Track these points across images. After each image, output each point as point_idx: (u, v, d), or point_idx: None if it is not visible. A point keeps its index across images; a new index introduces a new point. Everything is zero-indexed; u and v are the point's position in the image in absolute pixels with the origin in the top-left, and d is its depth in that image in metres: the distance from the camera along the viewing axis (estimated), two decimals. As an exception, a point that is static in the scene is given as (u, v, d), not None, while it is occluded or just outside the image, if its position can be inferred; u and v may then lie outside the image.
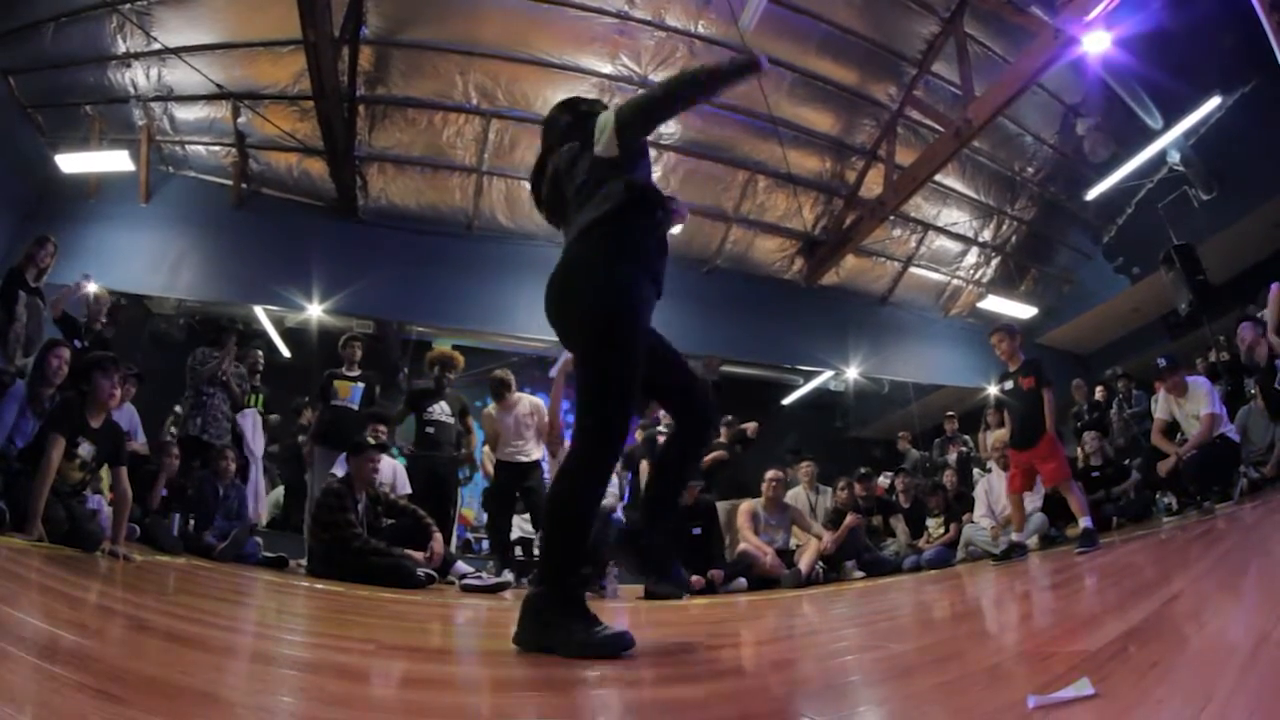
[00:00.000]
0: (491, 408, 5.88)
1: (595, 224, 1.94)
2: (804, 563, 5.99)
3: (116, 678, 1.11)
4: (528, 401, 5.91)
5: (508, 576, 4.99)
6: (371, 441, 5.23)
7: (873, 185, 9.06)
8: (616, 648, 1.68)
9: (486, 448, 6.06)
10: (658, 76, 7.61)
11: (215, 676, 1.29)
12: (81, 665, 1.16)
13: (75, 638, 1.45)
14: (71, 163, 7.53)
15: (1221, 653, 1.14)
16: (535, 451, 5.68)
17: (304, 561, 5.18)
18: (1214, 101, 7.93)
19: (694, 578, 5.54)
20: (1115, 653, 1.24)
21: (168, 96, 7.50)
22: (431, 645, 2.29)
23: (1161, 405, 6.01)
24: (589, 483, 1.86)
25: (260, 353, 6.96)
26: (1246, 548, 2.94)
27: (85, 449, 3.94)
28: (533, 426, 5.75)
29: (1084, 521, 4.87)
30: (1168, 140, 8.45)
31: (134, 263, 7.63)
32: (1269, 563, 2.40)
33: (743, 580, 5.80)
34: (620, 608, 4.00)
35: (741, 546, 6.13)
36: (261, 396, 6.70)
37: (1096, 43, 6.29)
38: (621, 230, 1.95)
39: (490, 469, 5.88)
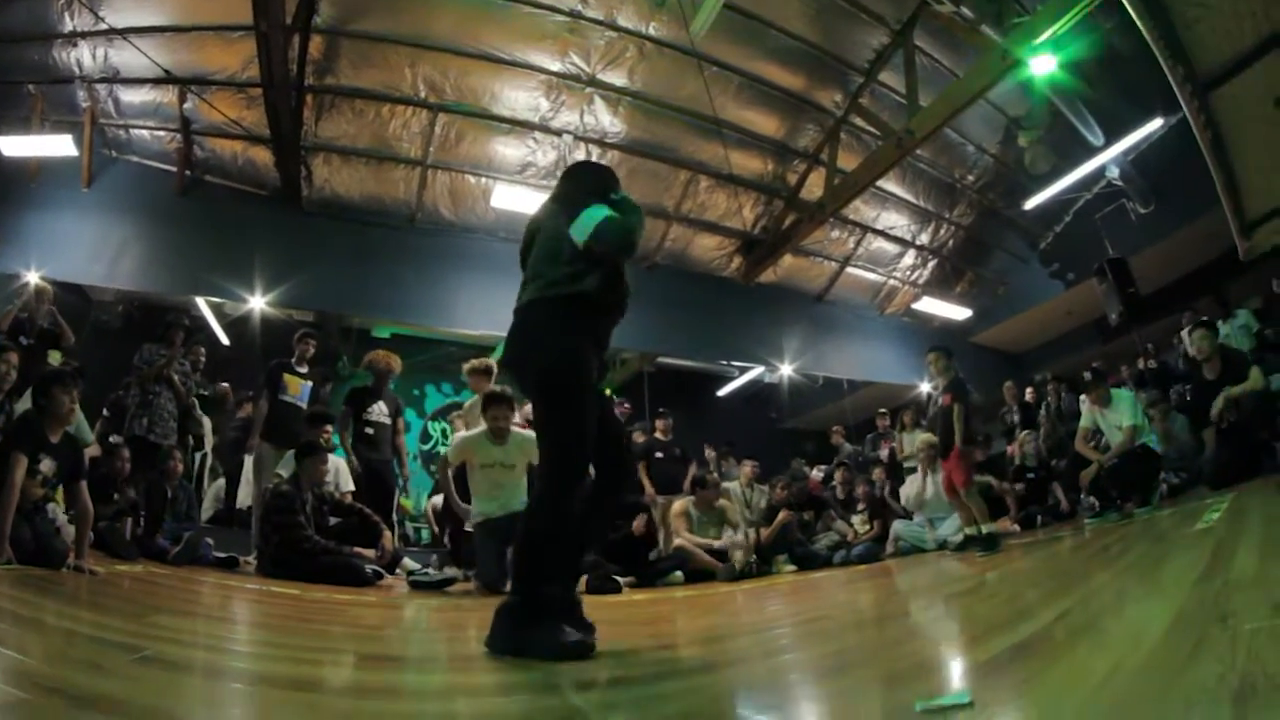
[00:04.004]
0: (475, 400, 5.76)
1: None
2: (737, 558, 6.20)
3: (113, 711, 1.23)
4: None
5: (451, 572, 5.09)
6: (322, 443, 5.29)
7: (814, 188, 9.22)
8: (581, 652, 1.90)
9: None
10: (606, 76, 7.69)
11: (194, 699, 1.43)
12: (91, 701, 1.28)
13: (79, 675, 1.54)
14: (13, 145, 7.32)
15: (1081, 675, 1.32)
16: None
17: (251, 559, 5.23)
18: (1155, 123, 8.11)
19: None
20: (999, 666, 1.50)
21: (113, 79, 7.30)
22: (400, 654, 2.46)
23: (1085, 414, 6.27)
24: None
25: (203, 349, 6.90)
26: (1146, 562, 3.11)
27: (47, 465, 3.92)
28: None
29: (985, 528, 5.27)
30: (1108, 156, 8.69)
31: (75, 251, 7.36)
32: (1156, 580, 2.58)
33: (679, 572, 6.01)
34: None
35: (677, 542, 6.31)
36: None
37: (1043, 65, 6.44)
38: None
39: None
